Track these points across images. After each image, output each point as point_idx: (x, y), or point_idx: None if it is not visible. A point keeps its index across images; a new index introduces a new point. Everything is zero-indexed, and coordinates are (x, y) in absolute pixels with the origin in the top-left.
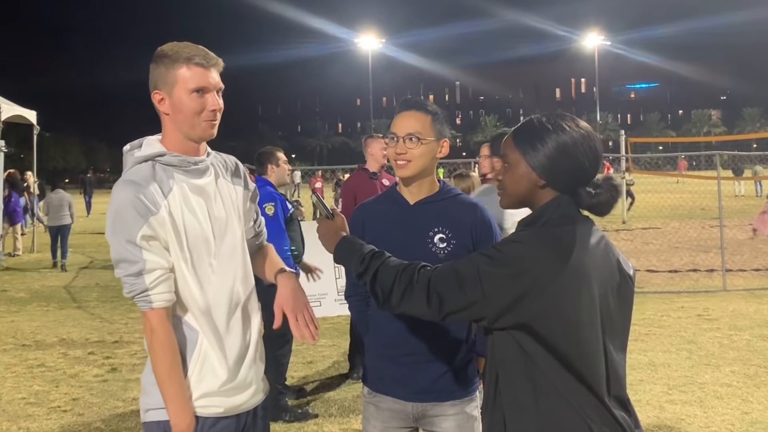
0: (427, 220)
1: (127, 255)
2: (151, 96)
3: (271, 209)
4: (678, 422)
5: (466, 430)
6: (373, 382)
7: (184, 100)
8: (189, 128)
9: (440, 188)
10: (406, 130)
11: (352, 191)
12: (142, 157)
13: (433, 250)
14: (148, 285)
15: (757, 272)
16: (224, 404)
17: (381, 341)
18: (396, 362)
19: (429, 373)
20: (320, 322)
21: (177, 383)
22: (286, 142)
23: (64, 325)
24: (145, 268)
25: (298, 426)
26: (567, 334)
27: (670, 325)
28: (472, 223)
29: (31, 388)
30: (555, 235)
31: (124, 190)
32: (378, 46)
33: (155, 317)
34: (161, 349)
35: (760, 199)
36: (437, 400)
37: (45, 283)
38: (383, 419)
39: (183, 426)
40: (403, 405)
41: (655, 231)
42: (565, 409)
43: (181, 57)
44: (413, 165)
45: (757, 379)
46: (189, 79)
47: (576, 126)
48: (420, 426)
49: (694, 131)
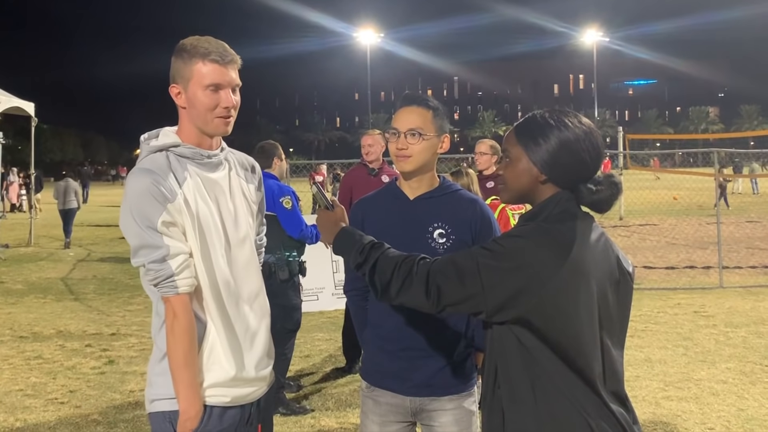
0: (426, 215)
1: (150, 241)
2: (169, 89)
3: (289, 203)
4: (674, 418)
5: (463, 424)
6: (371, 376)
7: (198, 95)
8: (202, 123)
9: (440, 184)
10: (407, 125)
11: (348, 186)
12: (157, 147)
13: (432, 245)
14: (175, 270)
15: (754, 269)
16: (231, 394)
17: (379, 336)
18: (394, 356)
19: (427, 367)
20: (317, 316)
21: (192, 370)
22: (283, 136)
23: (62, 317)
24: (169, 253)
25: (295, 419)
26: (565, 329)
27: (667, 321)
28: (472, 219)
29: (29, 380)
30: (555, 231)
31: (141, 178)
32: (376, 40)
33: (179, 302)
34: (182, 334)
35: (756, 196)
36: (435, 394)
37: (42, 275)
38: (381, 413)
39: (192, 413)
40: (402, 399)
41: (652, 227)
42: (562, 403)
43: (198, 52)
44: (414, 160)
45: (752, 375)
46: (204, 75)
47: (578, 122)
48: (418, 420)
49: (691, 128)
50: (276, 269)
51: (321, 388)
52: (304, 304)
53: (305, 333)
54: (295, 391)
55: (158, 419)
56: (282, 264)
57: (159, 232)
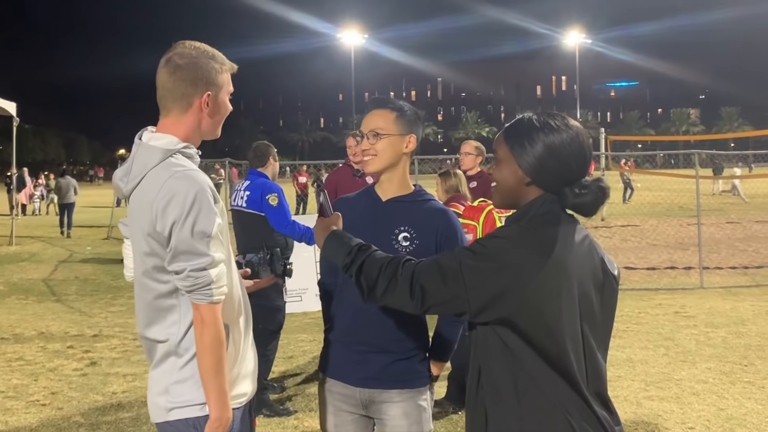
0: (394, 218)
1: (197, 248)
2: (201, 93)
3: (275, 199)
4: (655, 418)
5: (413, 418)
6: (325, 366)
7: (226, 103)
8: (215, 127)
9: (414, 191)
10: (369, 126)
11: (333, 187)
12: (173, 150)
13: (396, 248)
14: (214, 278)
15: (734, 270)
16: (248, 392)
17: (336, 329)
18: (348, 349)
19: (378, 362)
20: (301, 317)
21: (222, 377)
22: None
23: (43, 318)
24: (212, 263)
25: (278, 421)
26: (548, 330)
27: (648, 321)
28: (438, 229)
29: (10, 382)
30: (538, 232)
31: (193, 181)
32: (360, 41)
33: (210, 311)
34: (212, 342)
35: (737, 198)
36: (383, 387)
37: (24, 275)
38: (334, 403)
39: (224, 419)
40: (352, 390)
41: (634, 228)
42: (545, 404)
43: (227, 62)
44: (377, 160)
45: (732, 375)
46: (229, 83)
47: (566, 126)
48: (370, 414)
49: (673, 130)
50: (258, 269)
51: (304, 390)
52: (288, 305)
53: (289, 334)
54: (278, 392)
55: (180, 427)
56: (264, 263)
57: (211, 236)
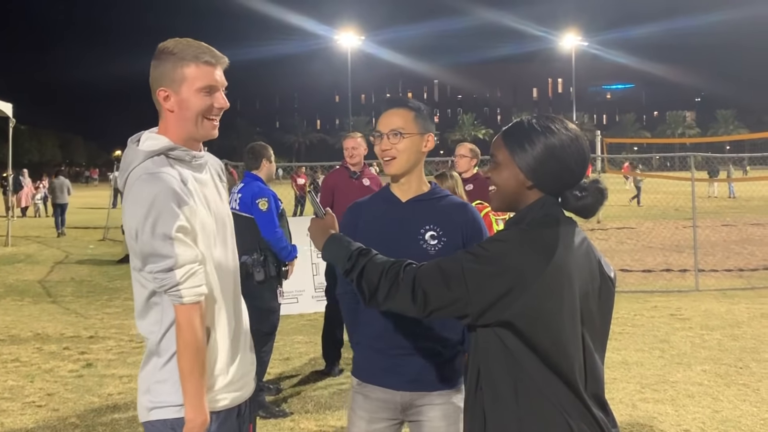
0: (418, 218)
1: (160, 250)
2: (155, 93)
3: (265, 204)
4: (650, 420)
5: (451, 420)
6: (362, 373)
7: (192, 98)
8: (193, 127)
9: (431, 188)
10: (389, 126)
11: (330, 189)
12: (155, 151)
13: (424, 247)
14: (179, 279)
15: (729, 272)
16: (230, 397)
17: (370, 335)
18: (384, 354)
19: (416, 363)
20: (297, 318)
21: (198, 379)
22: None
23: (39, 319)
24: (176, 264)
25: (274, 422)
26: (548, 332)
27: (643, 324)
28: (463, 223)
29: (6, 383)
30: (539, 235)
31: (156, 182)
32: (357, 43)
33: (183, 313)
34: (186, 344)
35: (732, 200)
36: (424, 389)
37: (19, 277)
38: (371, 409)
39: (198, 422)
40: (392, 394)
41: (630, 231)
42: (544, 405)
43: (189, 55)
44: (399, 161)
45: (727, 378)
46: (197, 77)
47: (565, 129)
48: (407, 417)
49: (668, 132)
50: (252, 270)
51: (300, 391)
52: (284, 307)
53: (285, 335)
54: (274, 394)
55: (158, 427)
56: (258, 265)
57: (173, 238)
